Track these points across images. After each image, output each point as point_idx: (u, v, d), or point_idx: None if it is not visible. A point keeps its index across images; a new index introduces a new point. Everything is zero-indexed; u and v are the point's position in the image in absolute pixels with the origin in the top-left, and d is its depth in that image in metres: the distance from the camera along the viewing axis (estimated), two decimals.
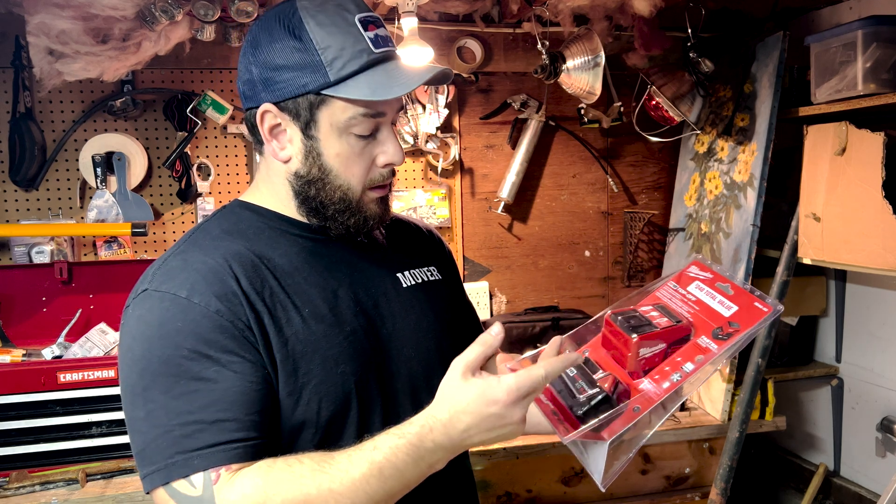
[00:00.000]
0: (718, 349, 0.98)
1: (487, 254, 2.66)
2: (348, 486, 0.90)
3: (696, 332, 1.02)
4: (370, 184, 1.08)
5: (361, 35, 1.01)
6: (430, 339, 1.16)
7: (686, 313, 1.05)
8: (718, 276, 1.09)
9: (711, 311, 1.04)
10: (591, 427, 0.93)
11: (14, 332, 2.10)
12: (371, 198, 1.09)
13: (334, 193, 1.06)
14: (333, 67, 1.00)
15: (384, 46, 1.03)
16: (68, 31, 1.89)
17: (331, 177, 1.06)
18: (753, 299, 1.03)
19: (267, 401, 0.97)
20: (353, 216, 1.08)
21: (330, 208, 1.07)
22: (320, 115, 1.03)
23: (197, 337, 0.95)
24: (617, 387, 0.97)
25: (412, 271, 1.20)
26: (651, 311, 1.05)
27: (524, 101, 2.57)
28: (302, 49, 1.00)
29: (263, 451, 0.95)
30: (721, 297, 1.05)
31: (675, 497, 2.27)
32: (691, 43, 2.25)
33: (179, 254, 1.04)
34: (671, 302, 1.08)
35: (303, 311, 1.03)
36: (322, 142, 1.04)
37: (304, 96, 1.02)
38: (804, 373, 2.46)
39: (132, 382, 0.97)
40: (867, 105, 1.89)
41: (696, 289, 1.08)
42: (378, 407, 1.06)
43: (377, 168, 1.08)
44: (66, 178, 2.30)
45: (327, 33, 1.00)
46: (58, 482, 1.80)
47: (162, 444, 0.92)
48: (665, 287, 1.12)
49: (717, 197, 2.40)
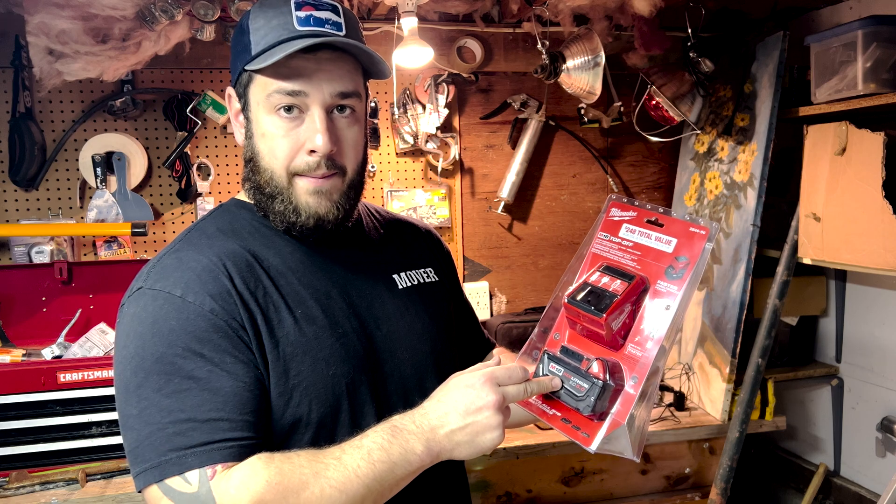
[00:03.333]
0: (679, 289, 0.97)
1: (487, 254, 2.66)
2: (341, 472, 0.91)
3: (650, 279, 1.00)
4: (295, 170, 1.04)
5: (290, 13, 1.03)
6: (424, 341, 1.15)
7: (631, 262, 1.03)
8: (642, 211, 1.06)
9: (654, 252, 1.01)
10: (608, 423, 0.93)
11: (14, 332, 2.10)
12: (302, 187, 1.04)
13: (262, 177, 1.06)
14: (255, 44, 1.03)
15: (316, 26, 1.02)
16: (68, 30, 1.89)
17: (258, 158, 1.06)
18: (687, 224, 1.00)
19: (259, 401, 0.97)
20: (282, 203, 1.05)
21: (263, 192, 1.06)
22: (249, 92, 1.06)
23: (190, 335, 0.95)
24: (607, 367, 0.96)
25: (408, 273, 1.19)
26: (601, 276, 1.02)
27: (524, 101, 2.57)
28: (242, 31, 1.05)
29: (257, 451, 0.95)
30: (656, 234, 1.02)
31: (675, 497, 2.27)
32: (691, 43, 2.25)
33: (174, 252, 1.04)
34: (611, 255, 1.06)
35: (295, 312, 1.02)
36: (253, 122, 1.06)
37: (241, 76, 1.06)
38: (804, 373, 2.46)
39: (126, 380, 0.97)
40: (867, 105, 1.89)
41: (628, 232, 1.06)
42: (370, 409, 1.06)
43: (303, 154, 1.03)
44: (66, 178, 2.30)
45: (262, 14, 1.04)
46: (58, 482, 1.79)
47: (155, 441, 0.92)
48: (598, 241, 1.09)
49: (717, 197, 2.40)
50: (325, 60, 1.02)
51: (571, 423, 0.97)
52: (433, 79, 2.48)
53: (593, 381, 0.95)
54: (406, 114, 2.47)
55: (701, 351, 2.36)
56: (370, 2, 2.26)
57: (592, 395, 0.94)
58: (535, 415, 1.03)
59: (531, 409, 1.02)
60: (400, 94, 2.48)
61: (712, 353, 2.29)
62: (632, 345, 0.97)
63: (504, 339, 2.39)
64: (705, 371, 2.32)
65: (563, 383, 0.98)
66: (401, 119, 2.47)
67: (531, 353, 1.10)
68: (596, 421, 0.95)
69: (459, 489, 1.23)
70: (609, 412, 0.94)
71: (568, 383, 0.97)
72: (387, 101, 2.50)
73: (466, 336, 1.34)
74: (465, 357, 1.32)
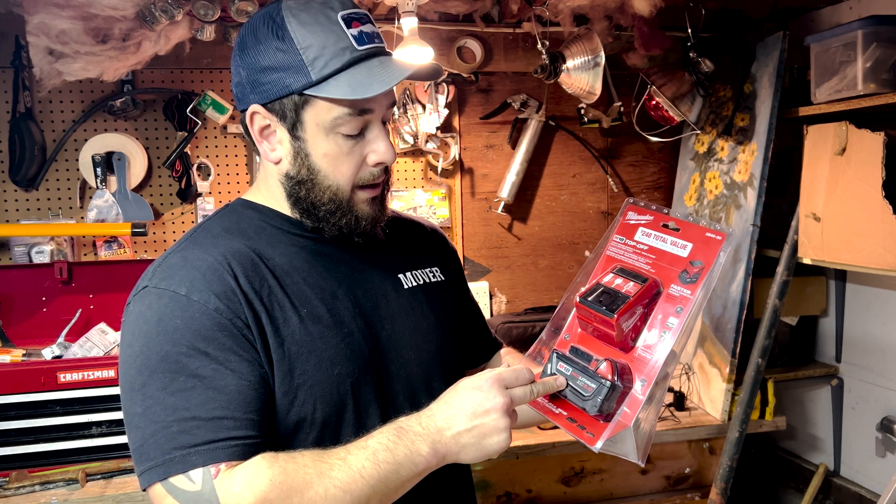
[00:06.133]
0: (692, 293, 0.96)
1: (487, 254, 2.66)
2: (346, 472, 0.91)
3: (664, 283, 0.99)
4: (360, 182, 1.06)
5: (344, 33, 1.00)
6: (430, 341, 1.15)
7: (646, 266, 1.02)
8: (659, 215, 1.05)
9: (669, 256, 1.01)
10: (613, 425, 0.93)
11: (14, 332, 2.10)
12: (362, 198, 1.07)
13: (324, 194, 1.05)
14: (315, 67, 0.99)
15: (369, 43, 1.02)
16: (68, 30, 1.89)
17: (319, 177, 1.05)
18: (703, 230, 0.99)
19: (264, 400, 0.97)
20: (345, 216, 1.06)
21: (321, 209, 1.06)
22: (305, 115, 1.02)
23: (195, 334, 0.95)
24: (616, 369, 0.95)
25: (414, 272, 1.19)
26: (614, 278, 1.02)
27: (524, 101, 2.57)
28: (284, 49, 1.00)
29: (261, 450, 0.95)
30: (672, 238, 1.01)
31: (675, 497, 2.27)
32: (691, 43, 2.25)
33: (180, 251, 1.04)
34: (626, 258, 1.05)
35: (300, 311, 1.02)
36: (309, 142, 1.04)
37: (289, 97, 1.02)
38: (804, 373, 2.46)
39: (131, 378, 0.97)
40: (867, 105, 1.89)
41: (644, 235, 1.05)
42: (375, 408, 1.06)
43: (367, 167, 1.06)
44: (66, 178, 2.30)
45: (309, 32, 0.99)
46: (58, 482, 1.79)
47: (160, 439, 0.92)
48: (613, 244, 1.08)
49: (717, 197, 2.40)
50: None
51: (577, 422, 0.97)
52: None
53: (601, 381, 0.94)
54: (406, 114, 2.47)
55: (701, 351, 2.36)
56: (370, 2, 2.26)
57: (600, 395, 0.93)
58: (541, 413, 1.03)
59: (537, 408, 1.02)
60: (400, 95, 2.48)
61: (712, 353, 2.29)
62: (642, 347, 0.97)
63: (504, 339, 2.39)
64: (705, 371, 2.32)
65: (571, 383, 0.98)
66: (401, 119, 2.47)
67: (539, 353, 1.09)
68: (602, 422, 0.95)
69: (465, 491, 1.23)
70: (615, 413, 0.94)
71: (576, 383, 0.97)
72: None
73: (473, 335, 1.34)
74: (472, 357, 1.32)
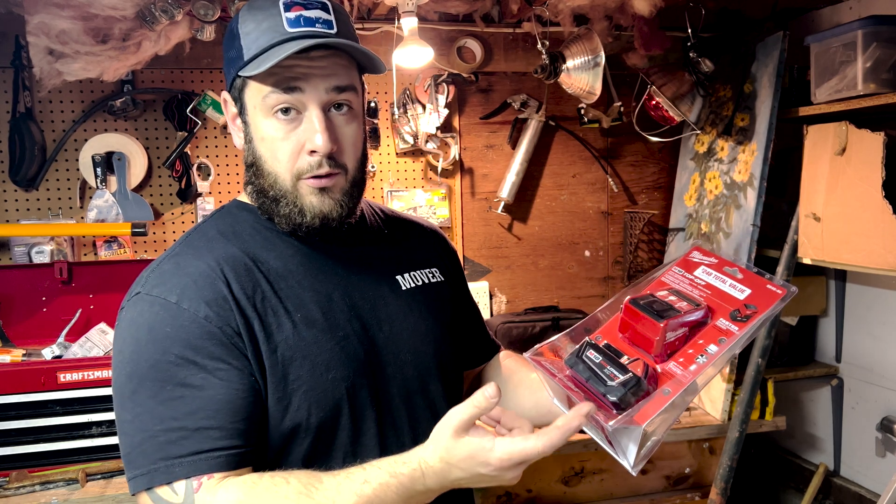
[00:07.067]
0: (739, 330, 0.97)
1: (487, 254, 2.66)
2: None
3: (713, 315, 1.00)
4: (299, 172, 1.03)
5: (279, 16, 1.01)
6: (427, 343, 1.14)
7: (699, 297, 1.03)
8: (724, 261, 1.07)
9: (724, 295, 1.02)
10: (628, 415, 0.93)
11: (14, 332, 2.09)
12: (306, 189, 1.03)
13: (266, 181, 1.05)
14: (248, 49, 1.02)
15: (307, 26, 1.01)
16: (68, 30, 1.89)
17: (260, 162, 1.05)
18: (765, 282, 1.01)
19: (253, 408, 0.97)
20: (288, 206, 1.04)
21: (268, 197, 1.05)
22: (245, 97, 1.05)
23: (185, 343, 0.95)
24: (647, 371, 0.95)
25: (412, 273, 1.18)
26: (668, 294, 1.03)
27: (524, 101, 2.57)
28: (234, 36, 1.04)
29: (249, 459, 0.95)
30: (732, 281, 1.03)
31: (675, 497, 2.27)
32: (691, 43, 2.25)
33: (173, 257, 1.04)
34: (681, 286, 1.06)
35: (294, 316, 1.02)
36: (251, 126, 1.05)
37: (235, 81, 1.05)
38: (804, 373, 2.46)
39: (121, 384, 0.97)
40: (867, 105, 1.89)
41: (704, 273, 1.07)
42: (371, 412, 1.05)
43: (304, 156, 1.03)
44: (66, 178, 2.30)
45: (251, 18, 1.03)
46: (58, 482, 1.79)
47: (147, 448, 0.93)
48: (671, 272, 1.09)
49: (717, 197, 2.40)
50: (318, 59, 1.01)
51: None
52: (433, 79, 2.48)
53: (630, 372, 0.94)
54: (406, 114, 2.47)
55: None
56: (370, 2, 2.26)
57: (625, 384, 0.93)
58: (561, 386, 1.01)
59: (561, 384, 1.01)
60: (400, 95, 2.48)
61: None
62: (674, 363, 0.97)
63: (504, 339, 2.39)
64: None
65: (598, 370, 0.97)
66: (401, 119, 2.47)
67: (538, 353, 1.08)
68: (616, 412, 0.95)
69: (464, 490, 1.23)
70: (633, 408, 0.94)
71: (603, 371, 0.96)
72: (387, 101, 2.50)
73: (472, 338, 1.33)
74: (471, 359, 1.32)
